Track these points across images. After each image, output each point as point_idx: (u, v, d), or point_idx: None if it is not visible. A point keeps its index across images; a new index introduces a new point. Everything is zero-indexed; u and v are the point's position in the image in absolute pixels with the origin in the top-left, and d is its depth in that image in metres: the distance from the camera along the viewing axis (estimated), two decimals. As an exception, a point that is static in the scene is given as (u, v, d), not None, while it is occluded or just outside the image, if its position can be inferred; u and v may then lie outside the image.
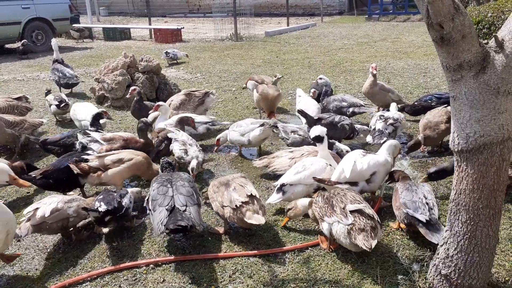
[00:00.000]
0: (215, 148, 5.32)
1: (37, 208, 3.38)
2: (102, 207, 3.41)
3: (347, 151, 4.51)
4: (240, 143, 5.14)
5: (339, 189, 3.41)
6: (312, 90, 6.44)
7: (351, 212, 3.09)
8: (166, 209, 3.23)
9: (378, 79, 8.62)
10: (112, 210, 3.41)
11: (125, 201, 3.57)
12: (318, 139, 4.01)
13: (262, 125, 4.98)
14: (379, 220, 3.14)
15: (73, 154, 4.30)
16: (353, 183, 3.71)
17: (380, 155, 3.88)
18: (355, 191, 3.42)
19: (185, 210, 3.25)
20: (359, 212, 3.09)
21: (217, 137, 5.26)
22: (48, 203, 3.42)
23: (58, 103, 6.56)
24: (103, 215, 3.38)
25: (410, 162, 4.91)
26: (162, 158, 4.12)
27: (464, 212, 2.60)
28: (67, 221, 3.44)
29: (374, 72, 5.99)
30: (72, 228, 3.57)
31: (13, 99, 6.36)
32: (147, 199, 3.51)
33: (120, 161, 4.09)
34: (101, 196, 3.56)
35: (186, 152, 4.52)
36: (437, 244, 2.87)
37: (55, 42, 9.01)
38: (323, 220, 3.23)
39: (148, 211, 3.49)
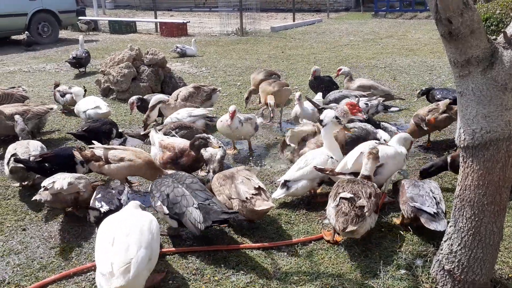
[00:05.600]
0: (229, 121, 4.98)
1: (54, 181, 3.60)
2: (104, 208, 3.44)
3: (390, 131, 4.54)
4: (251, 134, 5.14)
5: (353, 180, 3.39)
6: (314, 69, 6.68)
7: (342, 198, 3.16)
8: (195, 208, 3.17)
9: (383, 76, 8.64)
10: (114, 209, 3.42)
11: (123, 198, 3.60)
12: (320, 123, 3.97)
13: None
14: (369, 213, 3.11)
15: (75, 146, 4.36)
16: (357, 174, 3.72)
17: (390, 147, 3.84)
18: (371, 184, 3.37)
19: (209, 204, 3.23)
20: (350, 200, 3.15)
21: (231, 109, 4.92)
22: (63, 178, 3.65)
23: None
24: (104, 215, 3.42)
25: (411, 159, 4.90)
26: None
27: (468, 208, 2.60)
28: (78, 195, 3.67)
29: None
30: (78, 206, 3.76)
31: (8, 88, 6.45)
32: (159, 204, 3.35)
33: (121, 159, 4.06)
34: (100, 195, 3.57)
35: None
36: (441, 239, 2.88)
37: (81, 37, 10.25)
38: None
39: (164, 215, 3.34)
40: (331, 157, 3.89)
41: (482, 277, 2.67)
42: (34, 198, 3.58)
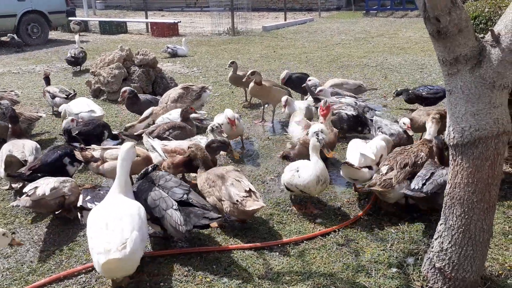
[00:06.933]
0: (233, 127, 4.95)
1: (36, 187, 3.55)
2: None
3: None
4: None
5: (405, 149, 3.81)
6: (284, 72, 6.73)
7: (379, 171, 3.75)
8: (175, 209, 3.14)
9: (375, 74, 8.67)
10: None
11: None
12: None
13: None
14: (397, 182, 3.53)
15: (59, 147, 4.29)
16: (369, 168, 3.86)
17: (379, 139, 4.06)
18: None
19: (187, 199, 3.22)
20: (382, 173, 3.69)
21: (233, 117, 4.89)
22: (46, 183, 3.60)
23: (65, 96, 6.46)
24: None
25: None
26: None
27: (458, 206, 2.61)
28: (64, 198, 3.62)
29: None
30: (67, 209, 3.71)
31: None
32: None
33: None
34: (89, 196, 3.55)
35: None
36: (432, 237, 2.89)
37: (77, 37, 10.67)
38: None
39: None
40: (297, 170, 3.73)
41: (472, 274, 2.68)
42: (11, 204, 3.54)
